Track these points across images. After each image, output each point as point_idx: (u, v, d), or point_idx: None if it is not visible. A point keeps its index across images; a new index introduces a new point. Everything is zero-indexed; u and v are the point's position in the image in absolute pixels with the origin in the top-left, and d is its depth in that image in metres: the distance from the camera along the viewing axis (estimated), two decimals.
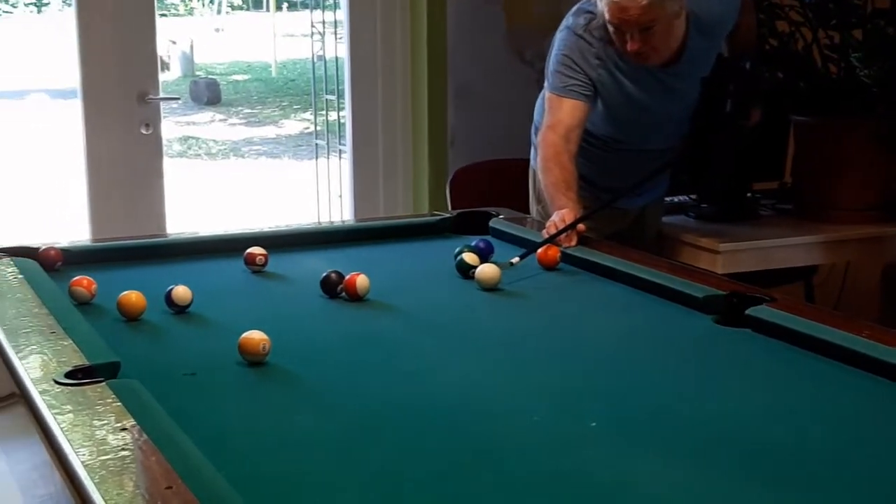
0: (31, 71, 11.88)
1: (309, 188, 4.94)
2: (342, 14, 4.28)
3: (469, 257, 2.53)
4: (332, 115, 4.69)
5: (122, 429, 1.51)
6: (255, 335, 1.92)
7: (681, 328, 2.18)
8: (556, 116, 3.00)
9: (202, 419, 1.68)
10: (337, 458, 1.57)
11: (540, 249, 2.62)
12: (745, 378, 1.93)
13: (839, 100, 3.50)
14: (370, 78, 4.22)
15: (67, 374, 1.72)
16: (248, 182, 9.72)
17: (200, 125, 12.22)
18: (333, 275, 2.37)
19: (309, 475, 1.51)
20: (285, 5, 16.61)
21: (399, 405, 1.78)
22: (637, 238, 3.23)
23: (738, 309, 2.17)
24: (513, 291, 2.44)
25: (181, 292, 2.24)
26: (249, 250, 2.59)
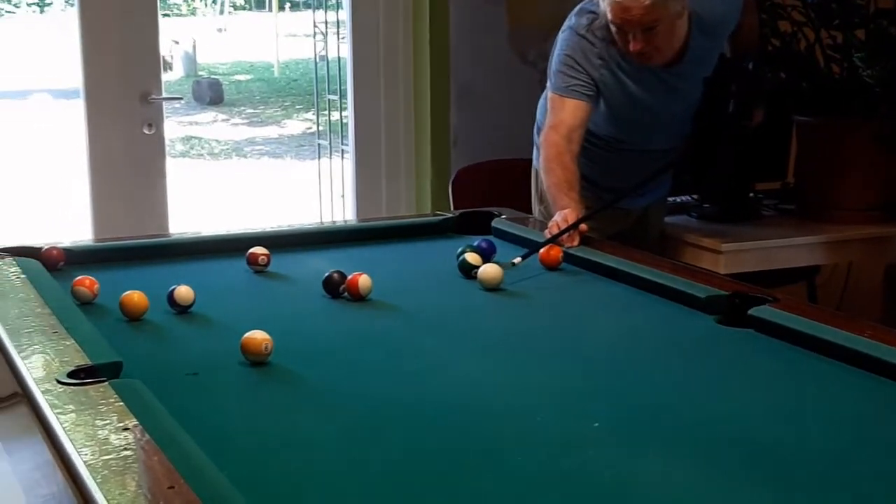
0: (33, 71, 11.88)
1: (311, 188, 4.94)
2: (345, 14, 4.28)
3: (471, 257, 2.52)
4: (335, 115, 4.68)
5: (125, 429, 1.51)
6: (258, 335, 1.93)
7: (683, 328, 2.18)
8: (558, 116, 3.00)
9: (204, 419, 1.68)
10: (339, 458, 1.57)
11: (542, 249, 2.62)
12: (747, 378, 1.92)
13: (842, 100, 3.49)
14: (373, 78, 4.21)
15: (70, 374, 1.72)
16: (251, 182, 9.72)
17: (203, 125, 12.23)
18: (336, 275, 2.37)
19: (311, 475, 1.51)
20: (288, 5, 16.61)
21: (401, 405, 1.78)
22: (640, 238, 3.23)
23: (740, 309, 2.16)
24: (515, 291, 2.44)
25: (183, 292, 2.24)
26: (252, 250, 2.59)
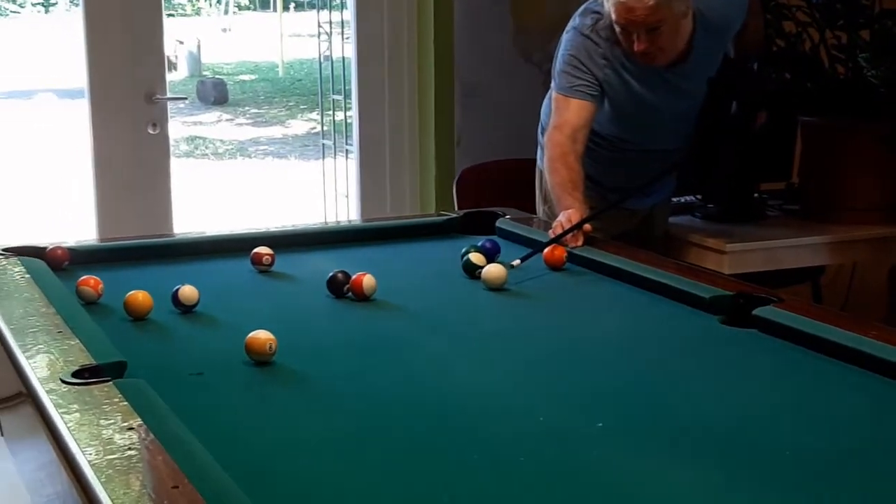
0: (38, 71, 11.91)
1: (315, 188, 4.95)
2: (349, 14, 4.28)
3: (475, 257, 2.52)
4: (339, 115, 4.69)
5: (129, 428, 1.51)
6: (262, 335, 1.93)
7: (687, 328, 2.18)
8: (562, 117, 3.00)
9: (209, 419, 1.68)
10: (343, 458, 1.57)
11: (546, 249, 2.62)
12: (751, 378, 1.92)
13: (847, 100, 3.49)
14: (377, 78, 4.21)
15: (74, 374, 1.72)
16: (255, 182, 9.73)
17: (207, 125, 12.24)
18: (340, 275, 2.37)
19: (315, 474, 1.51)
20: (292, 5, 16.63)
21: (405, 405, 1.78)
22: (644, 238, 3.23)
23: (744, 309, 2.16)
24: (519, 291, 2.44)
25: (188, 292, 2.25)
26: (256, 250, 2.59)
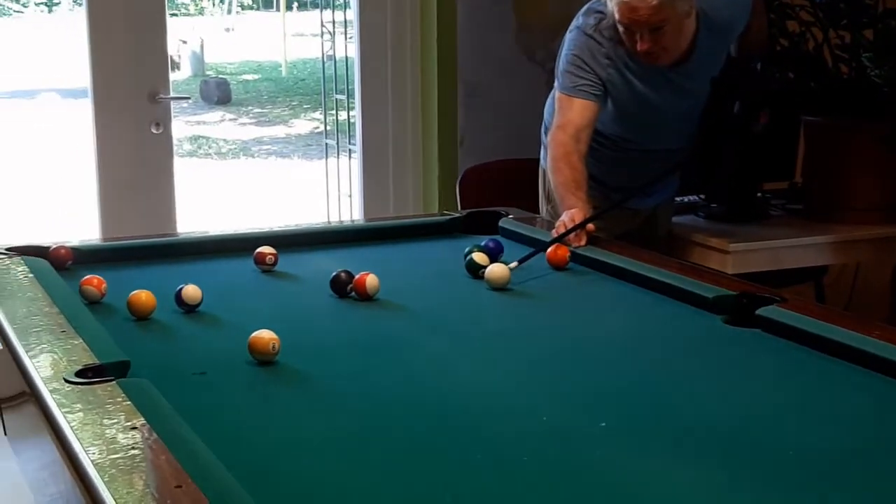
0: (41, 70, 11.91)
1: (318, 188, 4.95)
2: (352, 13, 4.28)
3: (479, 257, 2.52)
4: (342, 115, 4.68)
5: (132, 428, 1.51)
6: (265, 334, 1.93)
7: (691, 328, 2.18)
8: (566, 116, 3.00)
9: (212, 418, 1.68)
10: (346, 457, 1.57)
11: (549, 249, 2.62)
12: (754, 378, 1.92)
13: (850, 100, 3.49)
14: (380, 77, 4.22)
15: (77, 373, 1.73)
16: (258, 181, 9.73)
17: (210, 125, 12.24)
18: (343, 274, 2.37)
19: (318, 474, 1.51)
20: (295, 5, 16.62)
21: (408, 404, 1.78)
22: (647, 238, 3.23)
23: (748, 309, 2.16)
24: (522, 291, 2.44)
25: (191, 291, 2.25)
26: (259, 250, 2.59)
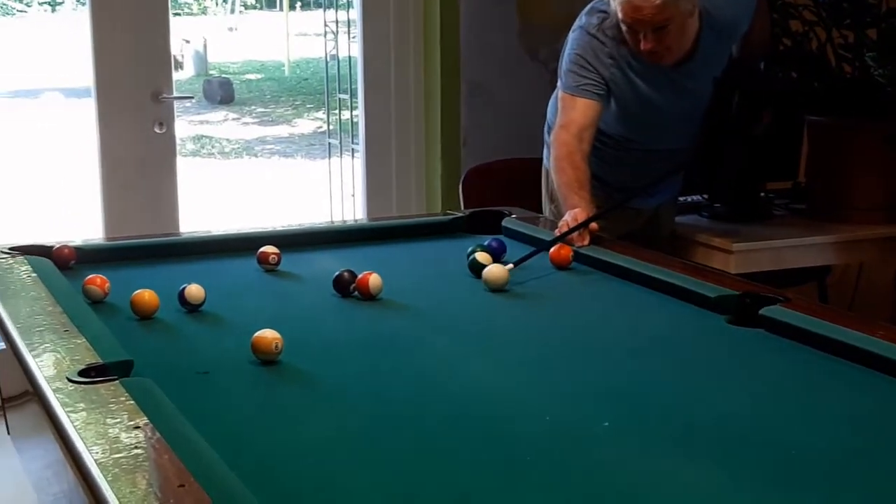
0: (45, 70, 11.92)
1: (322, 187, 4.95)
2: (355, 13, 4.28)
3: (482, 257, 2.52)
4: (345, 115, 4.69)
5: (135, 427, 1.51)
6: (268, 334, 1.93)
7: (694, 328, 2.18)
8: (568, 116, 3.00)
9: (215, 418, 1.68)
10: (349, 457, 1.57)
11: (553, 249, 2.62)
12: (758, 378, 1.92)
13: (853, 100, 3.48)
14: (383, 77, 4.22)
15: (81, 373, 1.73)
16: (261, 181, 9.74)
17: (214, 124, 12.24)
18: (346, 274, 2.37)
19: (321, 474, 1.51)
20: (298, 4, 16.62)
21: (412, 404, 1.78)
22: (651, 238, 3.23)
23: (751, 309, 2.16)
24: (525, 291, 2.43)
25: (194, 291, 2.25)
26: (262, 249, 2.59)
